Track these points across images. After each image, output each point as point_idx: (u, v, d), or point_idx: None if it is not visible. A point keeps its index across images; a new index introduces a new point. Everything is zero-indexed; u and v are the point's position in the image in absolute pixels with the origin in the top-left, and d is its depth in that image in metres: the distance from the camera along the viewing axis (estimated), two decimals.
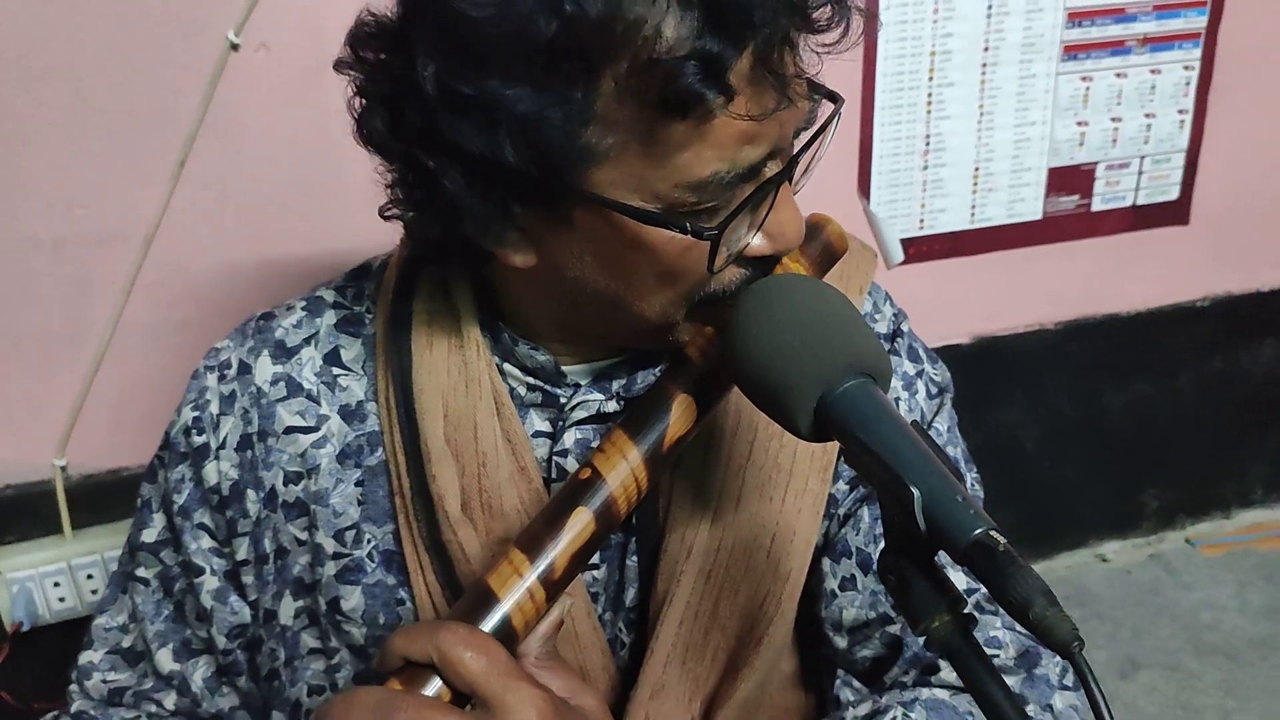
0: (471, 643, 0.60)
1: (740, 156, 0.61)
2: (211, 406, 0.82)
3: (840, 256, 0.78)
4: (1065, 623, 0.54)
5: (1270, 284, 1.96)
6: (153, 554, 0.85)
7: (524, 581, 0.65)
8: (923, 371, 0.88)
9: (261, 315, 0.85)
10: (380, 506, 0.79)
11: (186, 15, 1.25)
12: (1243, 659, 1.82)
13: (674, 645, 0.79)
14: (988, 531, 0.56)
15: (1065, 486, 2.00)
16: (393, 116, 0.65)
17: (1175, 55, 1.70)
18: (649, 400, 0.71)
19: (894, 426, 0.61)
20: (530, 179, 0.62)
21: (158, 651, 0.85)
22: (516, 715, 0.60)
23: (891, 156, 1.62)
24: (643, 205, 0.62)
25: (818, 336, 0.63)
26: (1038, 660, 0.80)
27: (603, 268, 0.67)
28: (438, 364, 0.77)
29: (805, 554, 0.80)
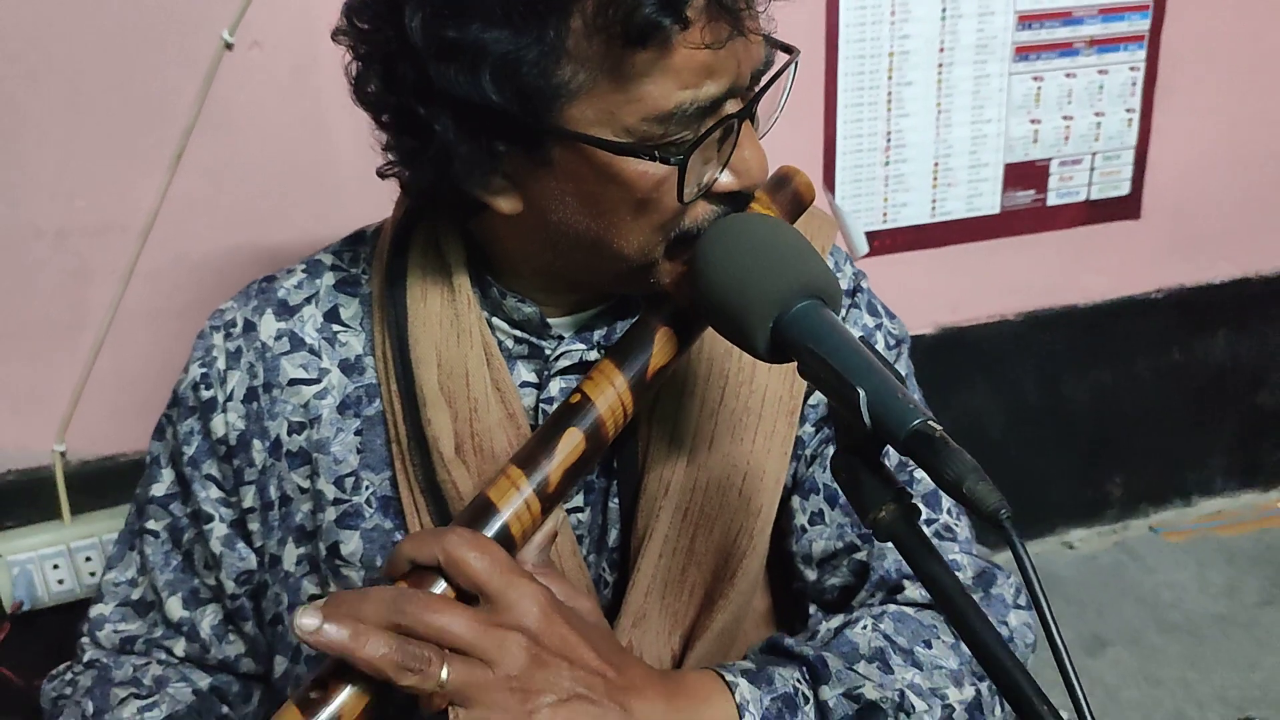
0: (475, 544, 0.66)
1: (701, 89, 0.67)
2: (218, 363, 0.87)
3: (808, 205, 0.84)
4: (993, 494, 0.60)
5: (1222, 276, 2.04)
6: (162, 507, 0.90)
7: (521, 494, 0.70)
8: (881, 325, 0.94)
9: (264, 278, 0.90)
10: (378, 454, 0.84)
11: (182, 14, 1.32)
12: (1203, 634, 1.88)
13: (654, 577, 0.84)
14: (925, 421, 0.63)
15: (1032, 475, 2.07)
16: (386, 72, 0.70)
17: (1121, 56, 1.79)
18: (633, 333, 0.76)
19: (842, 338, 0.67)
20: (512, 118, 0.67)
21: (167, 600, 0.90)
22: (519, 608, 0.65)
23: (854, 153, 1.70)
24: (614, 138, 0.68)
25: (773, 263, 0.69)
26: (994, 580, 0.86)
27: (583, 206, 0.72)
28: (431, 317, 0.81)
29: (775, 491, 0.86)
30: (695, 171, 0.70)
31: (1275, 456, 2.23)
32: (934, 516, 0.88)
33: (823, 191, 1.70)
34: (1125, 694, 1.77)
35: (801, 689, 0.75)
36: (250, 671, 0.93)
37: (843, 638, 0.80)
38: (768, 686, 0.74)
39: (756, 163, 0.73)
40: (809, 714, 0.74)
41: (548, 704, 0.64)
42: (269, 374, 0.85)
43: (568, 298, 0.84)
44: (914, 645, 0.80)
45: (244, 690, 0.93)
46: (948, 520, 0.88)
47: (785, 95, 0.76)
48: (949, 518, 0.89)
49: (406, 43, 0.67)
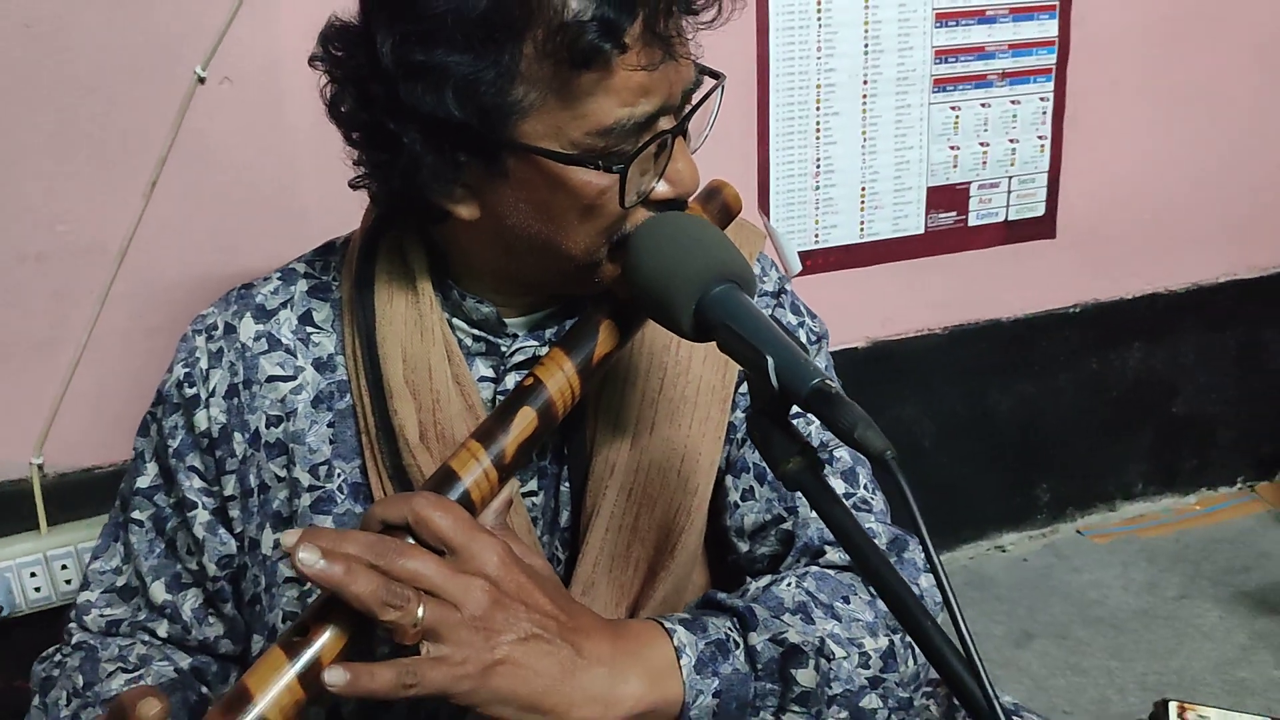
0: (440, 505, 0.73)
1: (638, 106, 0.76)
2: (201, 362, 0.94)
3: (736, 214, 0.94)
4: (880, 438, 0.68)
5: (1133, 291, 2.16)
6: (147, 498, 0.96)
7: (480, 464, 0.78)
8: (803, 323, 1.03)
9: (242, 286, 0.98)
10: (349, 445, 0.91)
11: (159, 51, 1.40)
12: (1126, 627, 1.99)
13: (600, 551, 0.91)
14: (823, 380, 0.72)
15: (963, 482, 2.17)
16: (359, 92, 0.79)
17: (1031, 88, 1.93)
18: (580, 325, 0.85)
19: (754, 315, 0.76)
20: (473, 132, 0.76)
21: (151, 584, 0.95)
22: (481, 557, 0.73)
23: (787, 178, 1.82)
24: (562, 150, 0.77)
25: (694, 253, 0.79)
26: (906, 545, 0.95)
27: (535, 212, 0.81)
28: (396, 317, 0.89)
29: (710, 472, 0.94)
30: (634, 180, 0.79)
31: (1191, 463, 2.36)
32: (852, 491, 0.97)
33: (758, 214, 1.81)
34: (1052, 682, 1.87)
35: (733, 635, 0.83)
36: (229, 653, 0.98)
37: (769, 593, 0.88)
38: (702, 633, 0.82)
39: (689, 173, 0.83)
40: (739, 657, 0.82)
41: (507, 641, 0.72)
42: (249, 372, 0.92)
43: (522, 299, 0.92)
44: (833, 601, 0.88)
45: (222, 671, 0.99)
46: (864, 494, 0.97)
47: (714, 115, 0.86)
48: (865, 492, 0.98)
49: (378, 66, 0.76)
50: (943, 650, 0.67)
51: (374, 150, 0.82)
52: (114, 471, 1.52)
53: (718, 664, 0.81)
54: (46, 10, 1.35)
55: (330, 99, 0.82)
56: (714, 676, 0.80)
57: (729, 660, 0.81)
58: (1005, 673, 1.89)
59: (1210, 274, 2.23)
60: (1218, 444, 2.36)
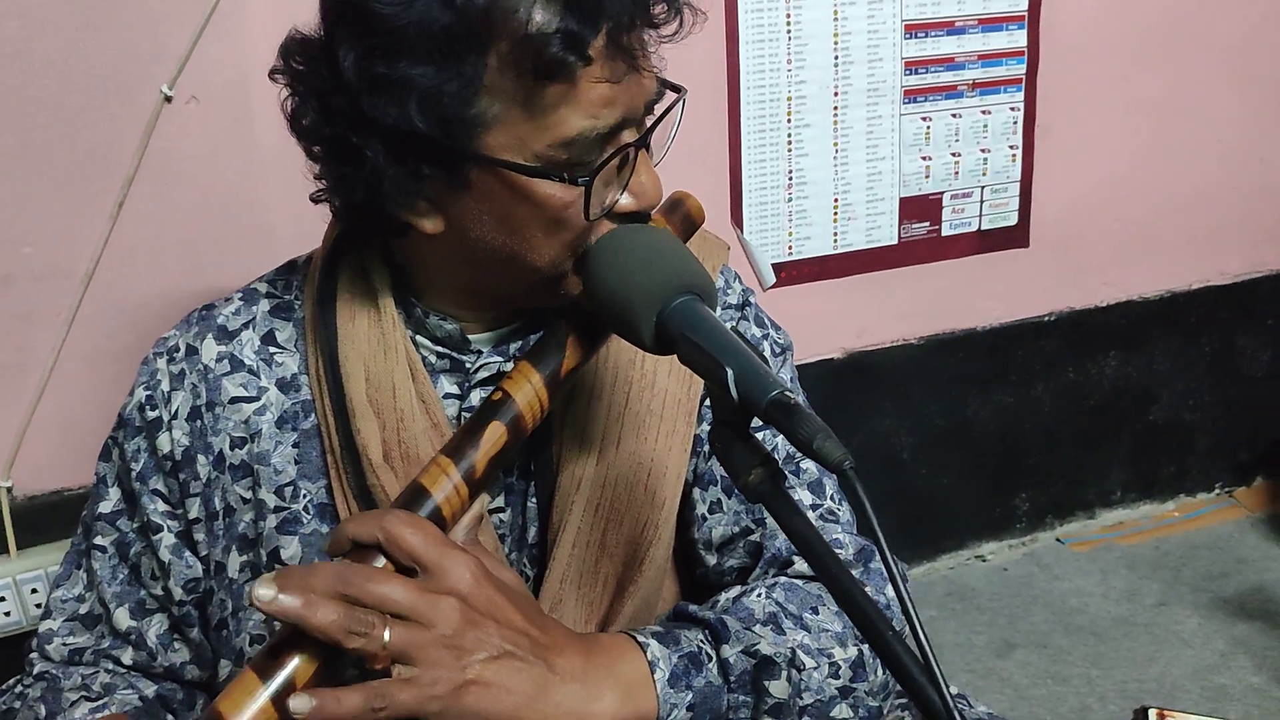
0: (410, 522, 0.73)
1: (601, 118, 0.76)
2: (163, 385, 0.93)
3: (699, 225, 0.94)
4: (839, 449, 0.68)
5: (1107, 299, 2.17)
6: (109, 523, 0.95)
7: (450, 480, 0.78)
8: (767, 335, 1.03)
9: (203, 307, 0.97)
10: (314, 465, 0.90)
11: (124, 70, 1.40)
12: (1106, 635, 1.99)
13: (568, 567, 0.91)
14: (782, 392, 0.72)
15: (942, 493, 2.17)
16: (321, 106, 0.79)
17: (1002, 98, 1.94)
18: (547, 338, 0.85)
19: (714, 327, 0.76)
20: (436, 144, 0.76)
21: (115, 610, 0.94)
22: (452, 574, 0.72)
23: (759, 190, 1.82)
24: (525, 163, 0.77)
25: (654, 265, 0.79)
26: (872, 556, 0.95)
27: (499, 225, 0.81)
28: (359, 335, 0.89)
29: (676, 485, 0.94)
30: (599, 193, 0.79)
31: (1169, 469, 2.36)
32: (819, 502, 0.97)
33: (730, 227, 1.82)
34: (1033, 691, 1.87)
35: (705, 648, 0.83)
36: (195, 679, 0.97)
37: (740, 605, 0.88)
38: (675, 646, 0.82)
39: (652, 186, 0.83)
40: (712, 670, 0.82)
41: (479, 660, 0.72)
42: (211, 393, 0.92)
43: (486, 314, 0.92)
44: (803, 611, 0.88)
45: (188, 698, 0.98)
46: (831, 505, 0.98)
47: (675, 128, 0.86)
48: (832, 503, 0.98)
49: (340, 79, 0.76)
50: (903, 660, 0.66)
51: (336, 163, 0.81)
52: (83, 494, 1.48)
53: (691, 677, 0.80)
54: (8, 30, 1.35)
55: (291, 112, 0.82)
56: (687, 690, 0.80)
57: (702, 673, 0.81)
58: (987, 683, 1.88)
59: (1183, 281, 2.23)
60: (1195, 451, 2.36)
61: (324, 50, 0.78)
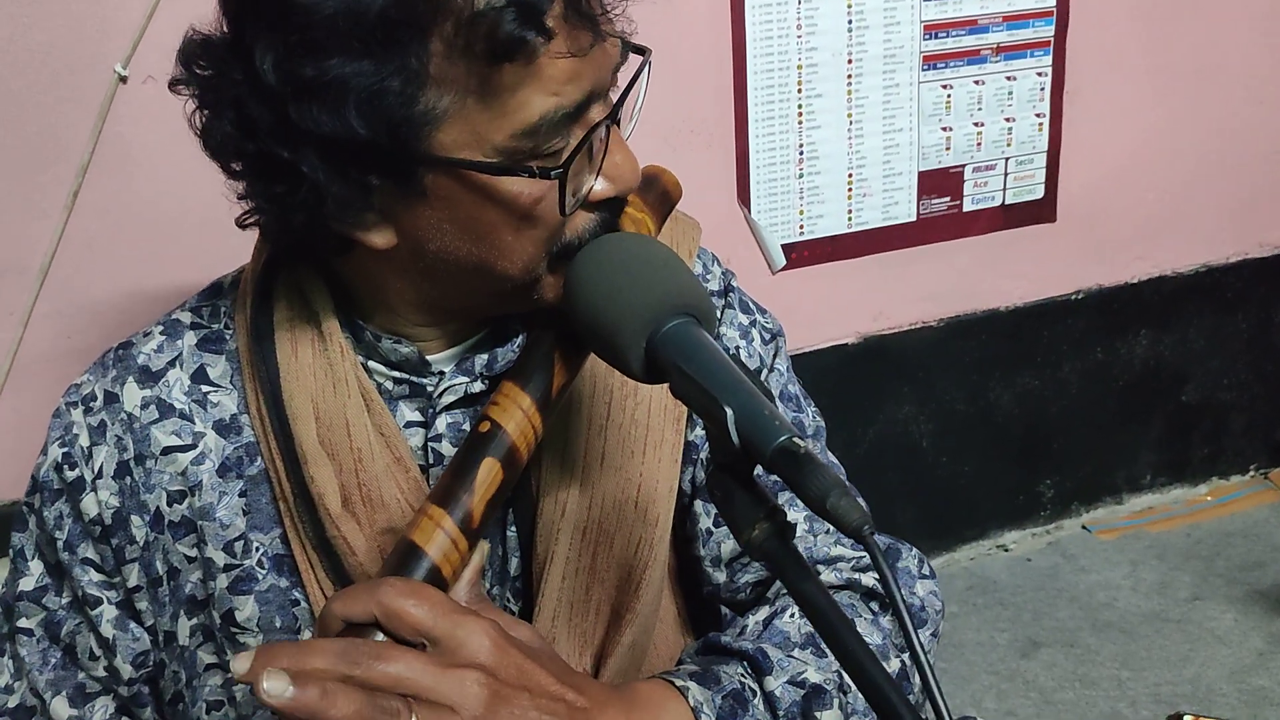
0: (410, 591, 0.63)
1: (565, 95, 0.66)
2: (81, 440, 0.82)
3: (676, 202, 0.84)
4: (857, 510, 0.58)
5: (1138, 275, 2.07)
6: (34, 602, 0.84)
7: (445, 532, 0.68)
8: (755, 321, 0.94)
9: (119, 346, 0.85)
10: (265, 513, 0.81)
11: (73, 50, 1.30)
12: (1137, 633, 1.90)
13: (559, 601, 0.83)
14: (790, 439, 0.62)
15: (963, 480, 2.08)
16: (239, 118, 0.67)
17: (1028, 63, 1.82)
18: (530, 353, 0.75)
19: (711, 357, 0.66)
20: (382, 150, 0.65)
21: (52, 701, 0.83)
22: (470, 645, 0.63)
23: (768, 166, 1.70)
24: (486, 159, 0.67)
25: (642, 283, 0.69)
26: (898, 555, 0.88)
27: (462, 233, 0.71)
28: (304, 369, 0.79)
29: (669, 500, 0.85)
30: (572, 182, 0.69)
31: (1202, 451, 2.26)
32: None
33: (737, 206, 1.71)
34: (1060, 695, 1.78)
35: (748, 683, 0.75)
36: None
37: (773, 629, 0.80)
38: (716, 686, 0.74)
39: (629, 167, 0.73)
40: (758, 706, 0.74)
41: None
42: (139, 445, 0.81)
43: (444, 329, 0.82)
44: None
45: None
46: None
47: (642, 97, 0.76)
48: None
49: (259, 84, 0.64)
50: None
51: (264, 182, 0.69)
52: None
53: (739, 718, 0.74)
54: None
55: (202, 129, 0.70)
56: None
57: (748, 712, 0.74)
58: (1011, 685, 1.79)
59: (1220, 254, 2.12)
60: (1230, 431, 2.26)
61: (234, 51, 0.66)
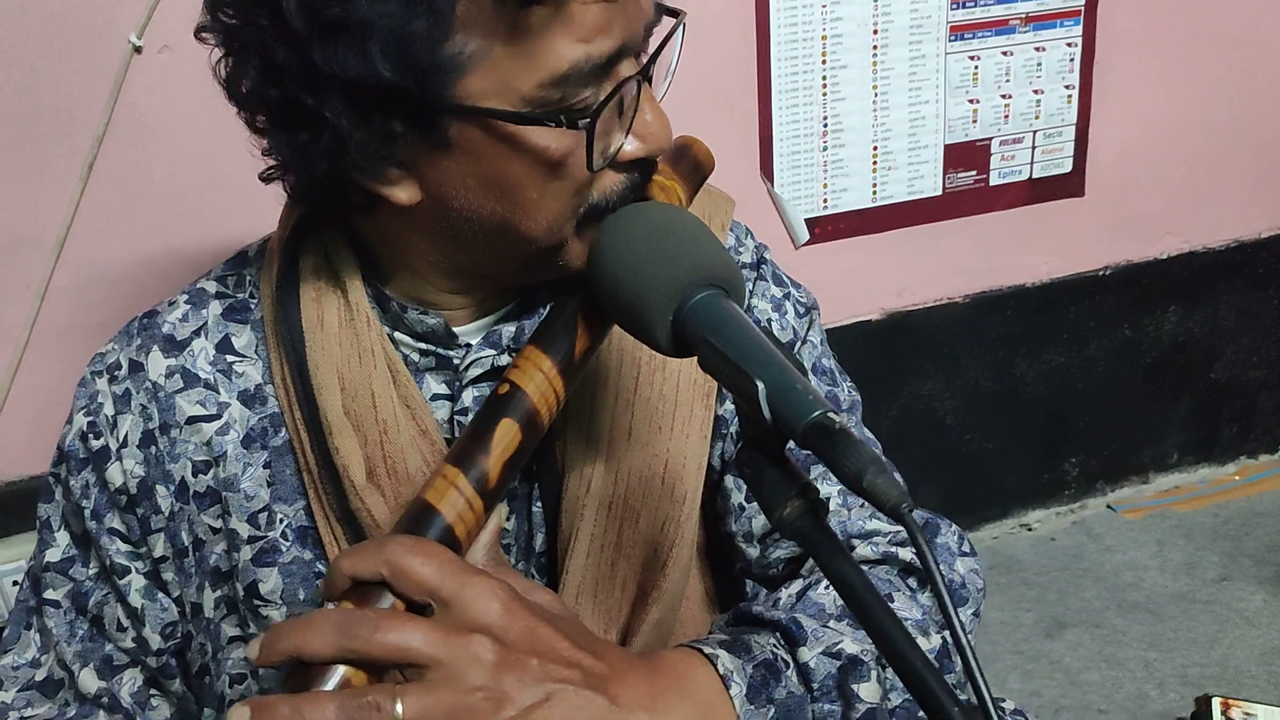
0: (420, 549, 0.62)
1: (595, 45, 0.64)
2: (106, 409, 0.81)
3: (709, 173, 0.82)
4: (895, 488, 0.57)
5: (1168, 251, 2.03)
6: (61, 573, 0.84)
7: (461, 493, 0.66)
8: (789, 294, 0.92)
9: (144, 315, 0.84)
10: (290, 485, 0.80)
11: (87, 20, 1.28)
12: (1164, 613, 1.87)
13: (584, 577, 0.81)
14: (825, 414, 0.60)
15: (987, 458, 2.05)
16: (264, 64, 0.66)
17: (1058, 33, 1.77)
18: (553, 317, 0.74)
19: (741, 330, 0.64)
20: (407, 95, 0.64)
21: (80, 672, 0.84)
22: (477, 606, 0.61)
23: (791, 139, 1.67)
24: (513, 109, 0.65)
25: (669, 253, 0.67)
26: (937, 530, 0.86)
27: (486, 190, 0.69)
28: (329, 339, 0.78)
29: (698, 476, 0.84)
30: (601, 139, 0.68)
31: (1231, 430, 2.23)
32: None
33: (760, 179, 1.68)
34: (1086, 676, 1.75)
35: (780, 654, 0.72)
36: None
37: (808, 600, 0.77)
38: (747, 655, 0.71)
39: (660, 126, 0.71)
40: (791, 678, 0.71)
41: (524, 707, 0.60)
42: (164, 414, 0.80)
43: (471, 298, 0.81)
44: None
45: None
46: None
47: (675, 60, 0.74)
48: None
49: (285, 28, 0.63)
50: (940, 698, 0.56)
51: (289, 132, 0.69)
52: None
53: (771, 689, 0.70)
54: None
55: (227, 77, 0.69)
56: (769, 704, 0.69)
57: (781, 683, 0.71)
58: (1037, 666, 1.77)
59: (1251, 229, 2.08)
60: (1260, 410, 2.22)
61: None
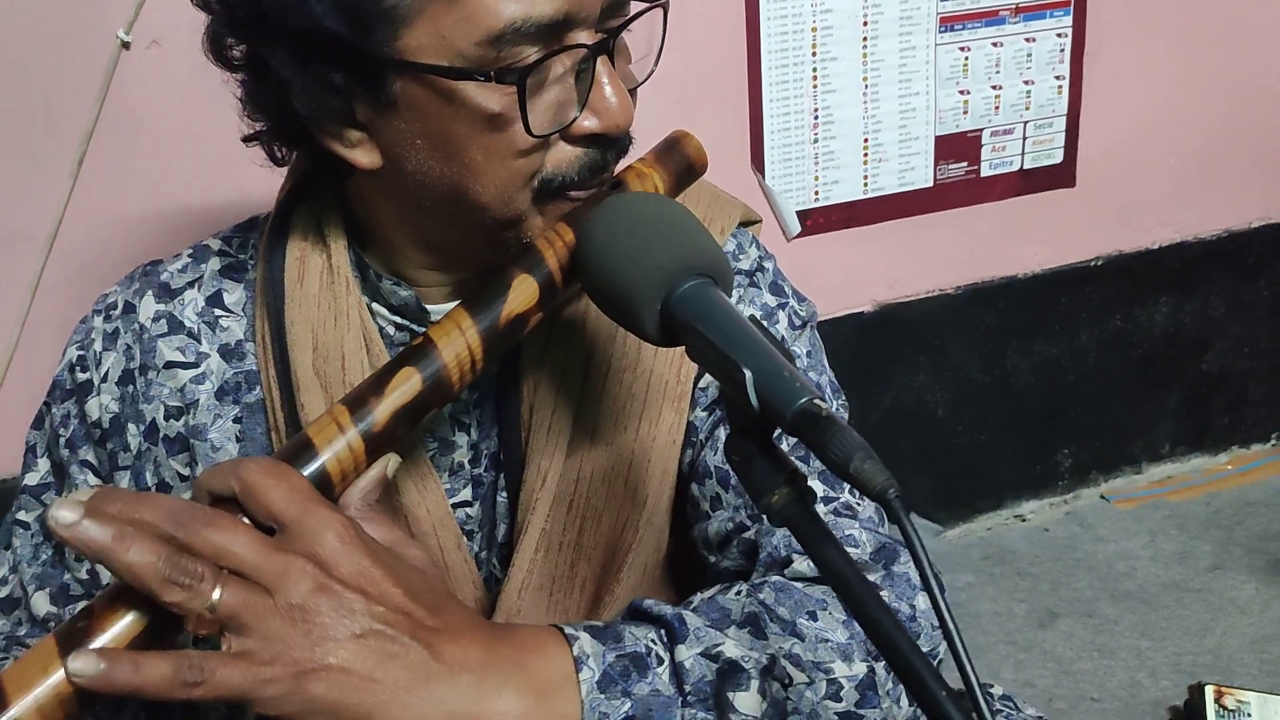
0: (272, 472, 0.61)
1: (535, 6, 0.64)
2: (95, 345, 0.84)
3: (700, 170, 0.81)
4: (881, 473, 0.56)
5: (1159, 241, 2.03)
6: (34, 497, 0.86)
7: (344, 434, 0.66)
8: (785, 304, 0.90)
9: (149, 262, 0.88)
10: (259, 443, 0.81)
11: (75, 15, 1.28)
12: (1156, 603, 1.87)
13: (529, 574, 0.81)
14: (811, 400, 0.60)
15: (980, 449, 2.06)
16: (228, 15, 0.70)
17: (1047, 23, 1.78)
18: (488, 280, 0.73)
19: (729, 318, 0.64)
20: (347, 45, 0.66)
21: (34, 594, 0.85)
22: (312, 534, 0.60)
23: (782, 131, 1.67)
24: (450, 65, 0.66)
25: (658, 241, 0.67)
26: (896, 557, 0.79)
27: (435, 150, 0.70)
28: (308, 298, 0.80)
29: (662, 482, 0.83)
30: (548, 107, 0.68)
31: (1222, 420, 2.23)
32: (834, 495, 0.83)
33: (751, 172, 1.68)
34: (1079, 665, 1.76)
35: (655, 649, 0.68)
36: None
37: (713, 603, 0.74)
38: (615, 644, 0.67)
39: (619, 103, 0.70)
40: (662, 675, 0.67)
41: (336, 638, 0.59)
42: (145, 356, 0.83)
43: (450, 275, 0.81)
44: (796, 616, 0.73)
45: None
46: (848, 499, 0.83)
47: (660, 43, 0.74)
48: (850, 495, 0.83)
49: None
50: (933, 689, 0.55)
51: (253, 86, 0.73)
52: None
53: (631, 682, 0.66)
54: None
55: (210, 34, 0.73)
56: (625, 697, 0.65)
57: (647, 678, 0.66)
58: (1029, 656, 1.78)
59: (1242, 219, 2.08)
60: (1251, 400, 2.23)
61: None
